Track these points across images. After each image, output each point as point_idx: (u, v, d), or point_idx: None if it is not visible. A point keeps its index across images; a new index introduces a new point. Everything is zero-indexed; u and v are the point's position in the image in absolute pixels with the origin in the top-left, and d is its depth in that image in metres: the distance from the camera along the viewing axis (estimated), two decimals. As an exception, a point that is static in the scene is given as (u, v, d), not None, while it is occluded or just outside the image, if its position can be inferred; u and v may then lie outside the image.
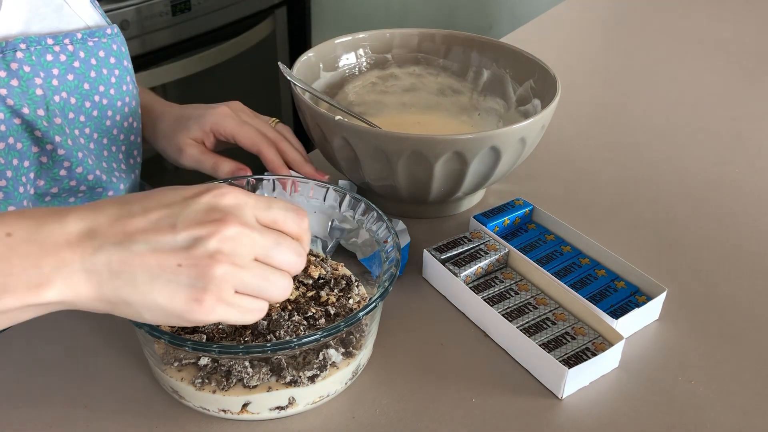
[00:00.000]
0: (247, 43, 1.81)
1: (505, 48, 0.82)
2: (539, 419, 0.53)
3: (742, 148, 0.91)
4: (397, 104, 0.87)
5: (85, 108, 0.67)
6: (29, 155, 0.63)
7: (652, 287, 0.62)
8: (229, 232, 0.42)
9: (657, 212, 0.77)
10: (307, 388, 0.51)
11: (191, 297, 0.41)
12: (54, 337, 0.59)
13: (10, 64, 0.60)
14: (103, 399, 0.54)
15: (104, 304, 0.42)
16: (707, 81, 1.10)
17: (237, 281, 0.42)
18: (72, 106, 0.66)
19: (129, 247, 0.41)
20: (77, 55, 0.65)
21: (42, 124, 0.63)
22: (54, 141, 0.64)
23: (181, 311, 0.42)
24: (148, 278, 0.41)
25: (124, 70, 0.71)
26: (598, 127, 0.96)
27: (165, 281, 0.41)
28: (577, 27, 1.34)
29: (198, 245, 0.41)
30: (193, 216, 0.42)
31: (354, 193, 0.62)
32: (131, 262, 0.41)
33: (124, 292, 0.42)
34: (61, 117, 0.65)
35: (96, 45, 0.67)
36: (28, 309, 0.41)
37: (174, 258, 0.41)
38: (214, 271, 0.41)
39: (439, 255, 0.65)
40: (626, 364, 0.58)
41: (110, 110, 0.70)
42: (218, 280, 0.41)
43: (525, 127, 0.66)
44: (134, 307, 0.42)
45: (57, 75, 0.64)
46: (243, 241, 0.42)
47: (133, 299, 0.42)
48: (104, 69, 0.68)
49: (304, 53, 0.80)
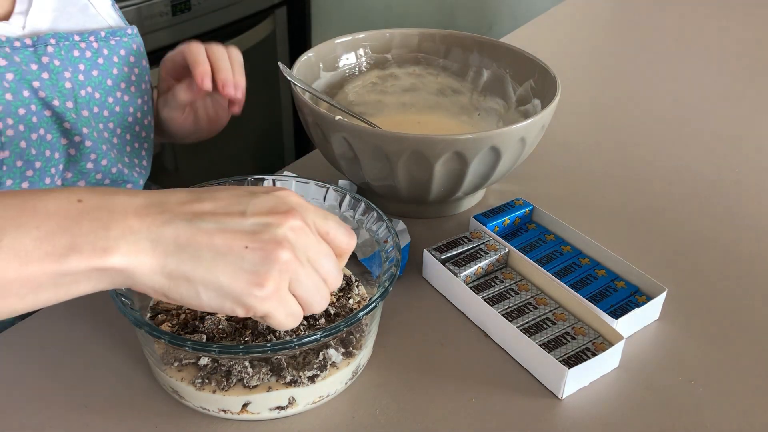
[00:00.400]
0: (247, 43, 1.81)
1: (505, 48, 0.82)
2: (539, 419, 0.53)
3: (743, 148, 0.91)
4: (397, 104, 0.87)
5: (108, 103, 0.70)
6: (59, 147, 0.66)
7: (652, 287, 0.62)
8: (295, 223, 0.43)
9: (657, 212, 0.77)
10: (307, 388, 0.51)
11: (253, 280, 0.42)
12: (54, 337, 0.59)
13: (42, 57, 0.63)
14: (103, 399, 0.54)
15: (164, 279, 0.42)
16: (707, 81, 1.10)
17: (294, 276, 0.43)
18: (96, 101, 0.68)
19: (197, 224, 0.42)
20: (101, 52, 0.69)
21: (71, 116, 0.65)
22: (82, 133, 0.66)
23: (239, 293, 0.42)
24: (212, 257, 0.42)
25: (143, 69, 0.74)
26: (598, 127, 0.96)
27: (229, 261, 0.42)
28: (577, 27, 1.34)
29: (266, 230, 0.43)
30: (261, 206, 0.44)
31: (354, 193, 0.62)
32: (198, 239, 0.42)
33: (187, 268, 0.42)
34: (88, 110, 0.67)
35: (117, 44, 0.70)
36: (90, 275, 0.41)
37: (242, 240, 0.42)
38: (279, 255, 0.42)
39: (439, 255, 0.65)
40: (626, 364, 0.58)
41: (131, 107, 0.72)
42: (281, 266, 0.42)
43: (525, 127, 0.66)
44: (194, 285, 0.42)
45: (83, 70, 0.67)
46: (305, 237, 0.44)
47: (195, 276, 0.42)
48: (125, 67, 0.71)
49: (304, 53, 0.80)
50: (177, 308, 0.56)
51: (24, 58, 0.62)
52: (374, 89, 0.86)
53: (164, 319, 0.55)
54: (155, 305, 0.57)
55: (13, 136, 0.61)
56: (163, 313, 0.56)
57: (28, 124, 0.62)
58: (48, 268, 0.40)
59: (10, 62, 0.61)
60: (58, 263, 0.40)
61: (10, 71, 0.61)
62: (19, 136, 0.62)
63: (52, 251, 0.40)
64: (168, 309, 0.56)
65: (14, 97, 0.61)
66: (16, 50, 0.62)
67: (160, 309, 0.57)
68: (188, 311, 0.55)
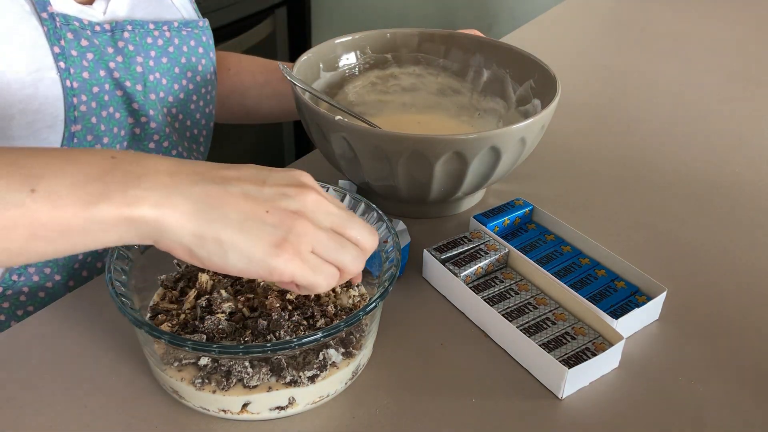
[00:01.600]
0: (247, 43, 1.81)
1: (505, 48, 0.82)
2: (539, 419, 0.53)
3: (742, 148, 0.91)
4: (397, 104, 0.87)
5: (173, 90, 0.74)
6: (125, 125, 0.70)
7: (652, 287, 0.62)
8: (310, 197, 0.46)
9: (657, 212, 0.77)
10: (307, 388, 0.51)
11: (273, 242, 0.44)
12: (54, 337, 0.59)
13: (118, 42, 0.68)
14: (103, 399, 0.54)
15: (192, 238, 0.44)
16: (707, 81, 1.10)
17: (314, 239, 0.45)
18: (163, 87, 0.73)
19: (225, 187, 0.45)
20: (172, 41, 0.73)
21: (140, 97, 0.70)
22: (148, 114, 0.71)
23: (263, 255, 0.44)
24: (239, 218, 0.44)
25: (210, 61, 0.78)
26: (598, 127, 0.96)
27: (253, 223, 0.44)
28: (577, 27, 1.34)
29: (283, 199, 0.46)
30: (281, 180, 0.47)
31: (354, 193, 0.62)
32: (226, 200, 0.44)
33: (217, 227, 0.44)
34: (155, 94, 0.72)
35: (188, 34, 0.75)
36: (119, 224, 0.43)
37: (263, 205, 0.45)
38: (295, 223, 0.45)
39: (439, 255, 0.65)
40: (626, 364, 0.58)
41: (195, 95, 0.77)
42: (298, 231, 0.45)
43: (525, 127, 0.66)
44: (223, 246, 0.44)
45: (154, 57, 0.72)
46: (322, 208, 0.47)
47: (225, 237, 0.44)
48: (193, 57, 0.75)
49: (304, 53, 0.80)
50: (177, 308, 0.56)
51: (102, 41, 0.67)
52: (374, 89, 0.86)
53: (164, 319, 0.55)
54: (155, 305, 0.57)
55: (85, 111, 0.66)
56: (163, 313, 0.56)
57: (100, 101, 0.67)
58: (79, 213, 0.42)
59: (91, 43, 0.66)
60: (89, 209, 0.42)
61: (91, 51, 0.66)
62: (90, 112, 0.66)
63: (84, 197, 0.42)
64: (168, 309, 0.56)
65: (90, 76, 0.66)
66: (96, 34, 0.66)
67: (160, 309, 0.57)
68: (188, 311, 0.55)
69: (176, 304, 0.57)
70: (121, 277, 0.53)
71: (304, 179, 0.48)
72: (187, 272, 0.60)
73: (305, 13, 2.09)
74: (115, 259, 0.53)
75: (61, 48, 0.63)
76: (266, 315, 0.54)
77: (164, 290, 0.59)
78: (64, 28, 0.63)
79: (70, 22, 0.64)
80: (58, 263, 0.69)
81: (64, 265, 0.70)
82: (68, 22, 0.64)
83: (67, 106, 0.64)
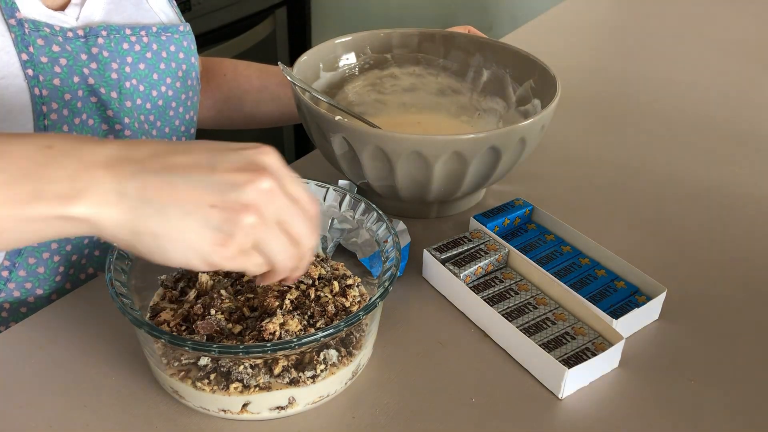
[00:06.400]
0: (247, 43, 1.81)
1: (505, 48, 0.82)
2: (539, 419, 0.53)
3: (743, 148, 0.91)
4: (397, 104, 0.87)
5: (151, 96, 0.72)
6: (99, 133, 0.68)
7: (652, 287, 0.62)
8: (264, 185, 0.42)
9: (657, 212, 0.77)
10: (307, 388, 0.51)
11: (217, 240, 0.42)
12: (54, 337, 0.59)
13: (92, 48, 0.66)
14: (103, 399, 0.54)
15: (129, 234, 0.42)
16: (707, 81, 1.10)
17: (259, 237, 0.43)
18: (140, 93, 0.71)
19: (166, 177, 0.42)
20: (150, 47, 0.71)
21: (114, 105, 0.68)
22: (123, 122, 0.69)
23: (205, 252, 0.42)
24: (179, 213, 0.42)
25: (191, 67, 0.76)
26: (598, 127, 0.96)
27: (195, 218, 0.42)
28: (577, 27, 1.34)
29: (233, 190, 0.42)
30: (233, 163, 0.43)
31: (354, 193, 0.62)
32: (167, 193, 0.42)
33: (153, 222, 0.42)
34: (131, 101, 0.70)
35: (168, 40, 0.73)
36: (55, 222, 0.41)
37: (209, 197, 0.42)
38: (243, 219, 0.42)
39: (439, 255, 0.65)
40: (626, 364, 0.58)
41: (174, 101, 0.75)
42: (245, 230, 0.42)
43: (525, 127, 0.66)
44: (160, 240, 0.42)
45: (130, 63, 0.69)
46: (274, 199, 0.43)
47: (161, 231, 0.42)
48: (173, 62, 0.73)
49: (304, 53, 0.80)
50: (177, 308, 0.56)
51: (75, 47, 0.65)
52: (374, 89, 0.86)
53: (164, 319, 0.55)
54: (155, 305, 0.57)
55: (56, 119, 0.64)
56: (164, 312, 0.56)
57: (72, 109, 0.65)
58: (11, 213, 0.40)
59: (63, 50, 0.64)
60: (21, 209, 0.40)
61: (63, 57, 0.64)
62: (62, 120, 0.64)
63: (15, 197, 0.40)
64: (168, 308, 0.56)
65: (62, 83, 0.64)
66: (69, 40, 0.65)
67: (160, 309, 0.57)
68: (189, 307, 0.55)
69: (176, 304, 0.57)
70: (121, 277, 0.53)
71: (261, 159, 0.44)
72: (187, 272, 0.60)
73: (305, 13, 2.09)
74: (115, 259, 0.53)
75: (30, 55, 0.61)
76: (266, 315, 0.54)
77: (164, 290, 0.59)
78: (33, 35, 0.62)
79: (40, 29, 0.62)
80: (39, 277, 0.67)
81: (45, 279, 0.67)
82: (38, 29, 0.62)
83: (36, 115, 0.62)
